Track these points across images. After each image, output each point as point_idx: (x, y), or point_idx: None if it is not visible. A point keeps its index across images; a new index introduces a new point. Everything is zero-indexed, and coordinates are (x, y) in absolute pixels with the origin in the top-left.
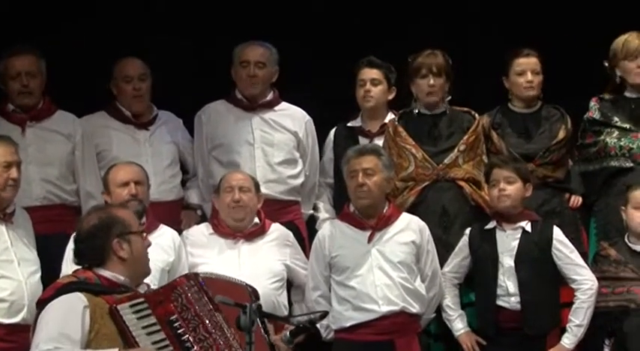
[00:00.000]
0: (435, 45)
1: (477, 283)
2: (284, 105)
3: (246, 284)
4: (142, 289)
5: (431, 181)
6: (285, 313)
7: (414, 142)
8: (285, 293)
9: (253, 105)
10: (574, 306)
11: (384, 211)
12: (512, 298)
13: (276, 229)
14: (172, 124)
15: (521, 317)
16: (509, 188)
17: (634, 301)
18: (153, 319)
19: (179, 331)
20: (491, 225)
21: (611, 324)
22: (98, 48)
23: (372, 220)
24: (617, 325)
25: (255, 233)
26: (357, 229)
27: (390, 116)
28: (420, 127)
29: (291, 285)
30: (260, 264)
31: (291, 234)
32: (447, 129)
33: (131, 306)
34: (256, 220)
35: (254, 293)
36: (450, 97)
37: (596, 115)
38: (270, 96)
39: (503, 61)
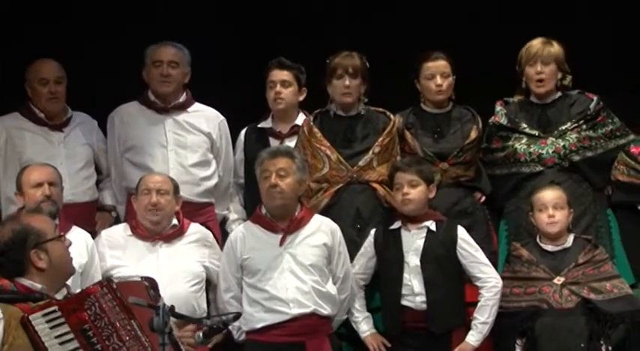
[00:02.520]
0: (351, 46)
1: (383, 284)
2: (197, 106)
3: (141, 277)
4: (61, 294)
5: (345, 183)
6: (205, 314)
7: (328, 144)
8: (204, 294)
9: (166, 106)
10: (479, 304)
11: (296, 213)
12: (418, 298)
13: (196, 231)
14: (87, 126)
15: (426, 317)
16: (413, 192)
17: (545, 301)
18: (66, 328)
19: (92, 340)
20: (396, 225)
21: (523, 324)
22: (22, 50)
23: (284, 223)
24: (529, 324)
25: (173, 235)
26: (269, 231)
27: (302, 117)
28: (335, 128)
29: (210, 285)
30: (179, 266)
31: (210, 234)
32: (362, 131)
33: (44, 315)
34: (175, 221)
35: (151, 284)
36: (366, 100)
37: (503, 121)
38: (182, 97)
39: (414, 63)
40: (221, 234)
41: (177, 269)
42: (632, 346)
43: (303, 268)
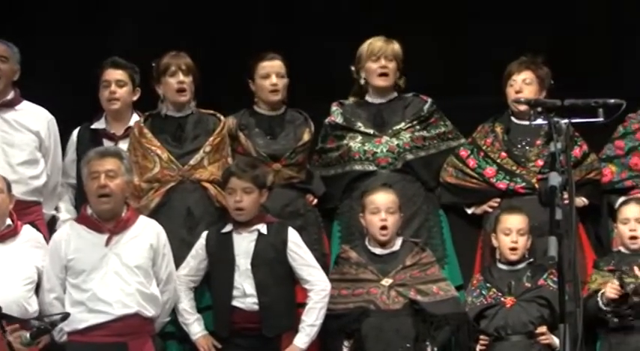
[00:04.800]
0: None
1: (214, 286)
2: (25, 104)
3: None
4: None
5: (176, 182)
6: (37, 315)
7: (159, 144)
8: (35, 296)
9: None
10: (307, 306)
11: (123, 214)
12: (249, 299)
13: (28, 232)
14: None
15: (257, 318)
16: (246, 200)
17: (373, 302)
18: None
19: None
20: (228, 228)
21: (350, 325)
22: None
23: (110, 224)
24: (356, 326)
25: (7, 235)
26: (95, 232)
27: (135, 118)
28: (165, 128)
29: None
30: (12, 267)
31: (41, 236)
32: (192, 131)
33: None
34: (8, 221)
35: None
36: (195, 102)
37: (339, 120)
38: (11, 95)
39: (248, 64)
40: (49, 233)
41: (9, 270)
42: (456, 347)
43: (128, 270)
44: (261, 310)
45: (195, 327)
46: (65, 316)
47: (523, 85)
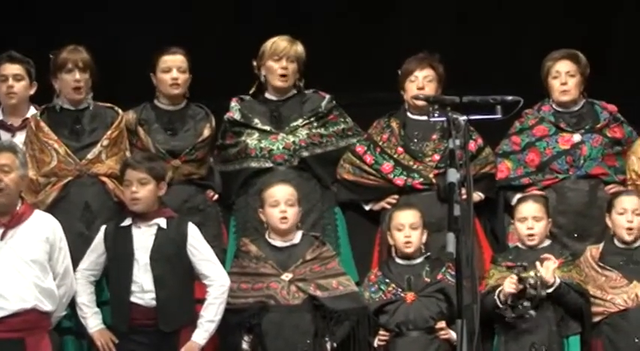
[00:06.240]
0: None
1: (112, 280)
2: None
3: None
4: None
5: (74, 176)
6: None
7: (56, 137)
8: None
9: None
10: (206, 302)
11: (18, 208)
12: (147, 295)
13: None
14: None
15: (155, 314)
16: (142, 191)
17: (273, 297)
18: None
19: None
20: (127, 222)
21: (249, 320)
22: None
23: (5, 218)
24: (256, 321)
25: None
26: None
27: (32, 110)
28: (62, 122)
29: None
30: None
31: None
32: (90, 124)
33: None
34: None
35: None
36: (92, 94)
37: (237, 116)
38: None
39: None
40: None
41: None
42: (355, 342)
43: (24, 263)
44: (158, 305)
45: (92, 321)
46: None
47: (425, 82)
